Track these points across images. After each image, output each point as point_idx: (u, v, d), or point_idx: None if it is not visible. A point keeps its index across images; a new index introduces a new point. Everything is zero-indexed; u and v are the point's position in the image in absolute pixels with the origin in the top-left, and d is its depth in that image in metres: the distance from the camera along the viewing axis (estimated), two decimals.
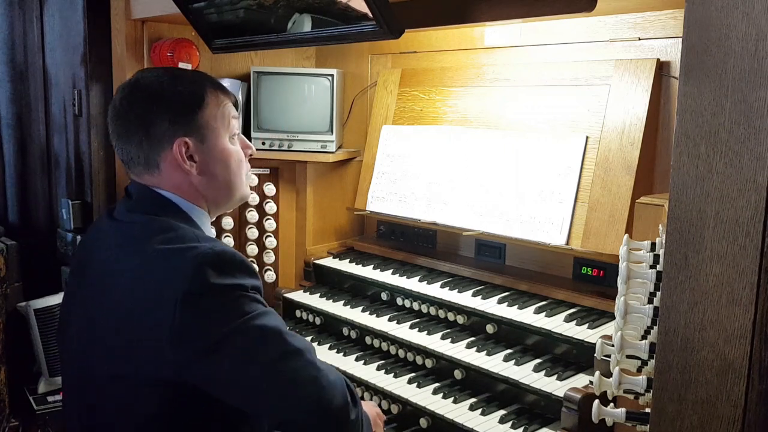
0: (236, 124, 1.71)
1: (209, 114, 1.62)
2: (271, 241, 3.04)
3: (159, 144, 1.59)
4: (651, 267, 1.43)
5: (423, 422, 2.13)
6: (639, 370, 1.38)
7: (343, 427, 1.48)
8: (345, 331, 2.63)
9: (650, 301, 1.40)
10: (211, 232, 1.69)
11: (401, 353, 2.41)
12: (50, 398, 3.04)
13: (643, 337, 1.38)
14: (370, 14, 1.89)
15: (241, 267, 1.47)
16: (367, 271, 2.77)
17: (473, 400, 2.12)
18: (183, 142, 1.59)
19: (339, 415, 1.47)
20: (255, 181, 2.98)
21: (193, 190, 1.63)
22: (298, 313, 2.84)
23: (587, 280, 2.38)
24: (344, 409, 1.48)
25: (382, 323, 2.50)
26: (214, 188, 1.66)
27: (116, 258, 1.54)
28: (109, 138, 1.70)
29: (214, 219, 1.72)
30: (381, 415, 1.89)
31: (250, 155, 1.76)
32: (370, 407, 1.82)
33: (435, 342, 2.33)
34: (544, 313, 2.24)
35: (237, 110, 1.72)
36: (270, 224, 3.04)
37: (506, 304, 2.34)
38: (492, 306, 2.34)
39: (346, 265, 2.87)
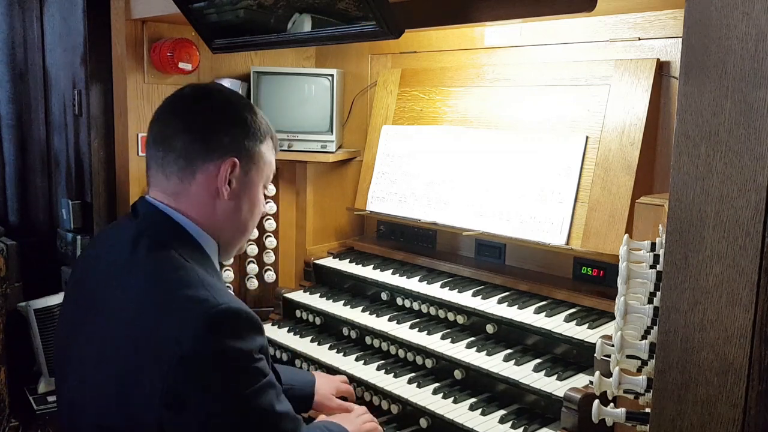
0: (271, 177, 1.70)
1: (263, 153, 1.63)
2: (271, 241, 3.04)
3: (210, 153, 1.53)
4: (651, 267, 1.43)
5: (423, 422, 2.13)
6: (639, 370, 1.38)
7: None
8: (345, 331, 2.63)
9: (650, 301, 1.40)
10: (217, 266, 1.62)
11: (401, 353, 2.40)
12: (50, 398, 3.04)
13: (643, 337, 1.38)
14: (370, 14, 1.89)
15: (250, 326, 1.42)
16: (367, 271, 2.77)
17: (473, 400, 2.12)
18: (233, 162, 1.55)
19: None
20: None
21: (212, 215, 1.57)
22: (298, 313, 2.84)
23: (587, 280, 2.38)
24: None
25: (382, 323, 2.50)
26: (233, 222, 1.61)
27: (118, 290, 1.47)
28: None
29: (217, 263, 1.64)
30: (371, 423, 1.91)
31: (263, 214, 1.76)
32: (353, 423, 1.85)
33: (435, 342, 2.32)
34: (544, 313, 2.24)
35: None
36: (270, 224, 3.03)
37: (506, 304, 2.34)
38: (492, 306, 2.34)
39: (346, 265, 2.87)
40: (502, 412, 2.06)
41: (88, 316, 1.53)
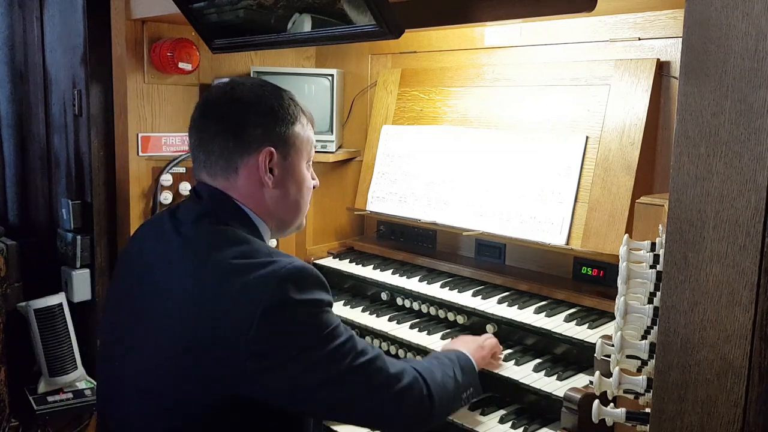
0: (313, 153, 1.76)
1: (298, 133, 1.68)
2: (271, 241, 3.03)
3: (246, 148, 1.61)
4: (651, 267, 1.43)
5: None
6: (639, 370, 1.38)
7: (426, 418, 1.65)
8: None
9: (650, 301, 1.40)
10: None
11: (401, 353, 2.40)
12: (50, 398, 3.03)
13: (643, 337, 1.38)
14: (370, 14, 1.89)
15: (318, 283, 1.51)
16: (367, 271, 2.77)
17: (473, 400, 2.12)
18: (269, 151, 1.62)
19: (419, 411, 1.63)
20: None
21: (262, 203, 1.65)
22: None
23: (587, 280, 2.38)
24: (422, 405, 1.63)
25: (382, 323, 2.50)
26: (284, 206, 1.69)
27: (184, 269, 1.51)
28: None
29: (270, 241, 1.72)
30: (487, 348, 2.02)
31: (314, 187, 1.79)
32: (473, 346, 1.97)
33: (435, 342, 2.32)
34: (544, 313, 2.24)
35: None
36: None
37: (506, 304, 2.34)
38: (492, 306, 2.34)
39: (346, 265, 2.87)
40: (502, 412, 2.06)
41: (144, 300, 1.57)
